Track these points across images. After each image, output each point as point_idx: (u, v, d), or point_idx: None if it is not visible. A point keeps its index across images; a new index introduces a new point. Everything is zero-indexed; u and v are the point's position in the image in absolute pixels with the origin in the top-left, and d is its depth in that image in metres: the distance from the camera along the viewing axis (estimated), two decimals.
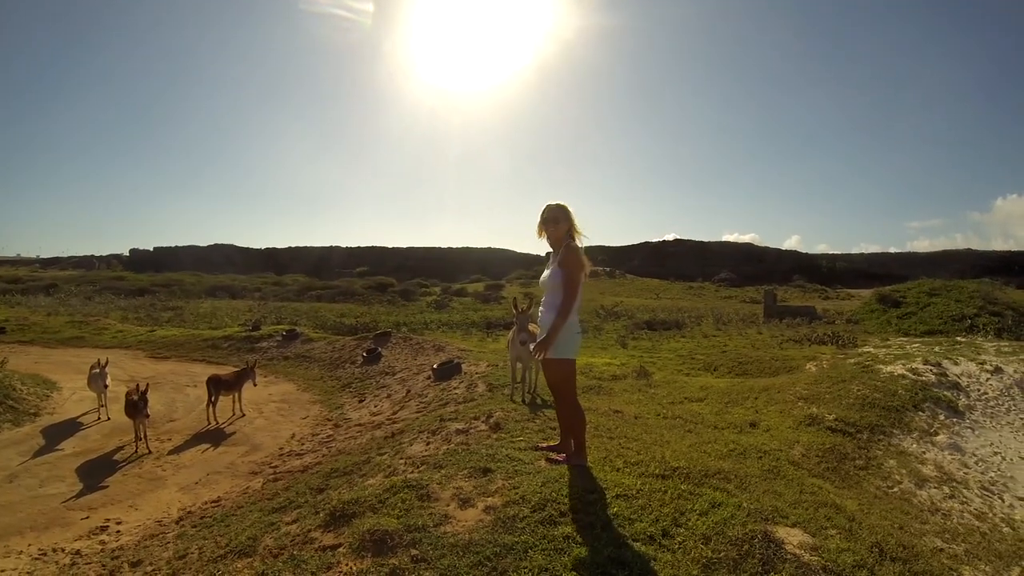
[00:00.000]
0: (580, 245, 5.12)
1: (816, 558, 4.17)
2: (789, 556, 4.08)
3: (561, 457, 5.33)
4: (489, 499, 4.51)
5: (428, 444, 6.67)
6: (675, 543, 4.03)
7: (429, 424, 7.64)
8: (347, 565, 3.82)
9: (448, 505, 4.51)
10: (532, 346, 5.65)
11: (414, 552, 3.81)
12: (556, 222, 5.14)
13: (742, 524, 4.30)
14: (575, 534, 3.95)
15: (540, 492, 4.51)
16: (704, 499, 4.71)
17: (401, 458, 6.25)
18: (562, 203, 5.18)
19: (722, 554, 3.93)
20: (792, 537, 4.40)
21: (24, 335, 21.22)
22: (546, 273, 5.23)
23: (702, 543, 4.03)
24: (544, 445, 5.80)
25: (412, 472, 5.40)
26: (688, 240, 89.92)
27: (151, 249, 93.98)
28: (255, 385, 12.24)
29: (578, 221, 5.20)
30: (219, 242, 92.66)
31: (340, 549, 4.08)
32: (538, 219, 5.24)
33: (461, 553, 3.77)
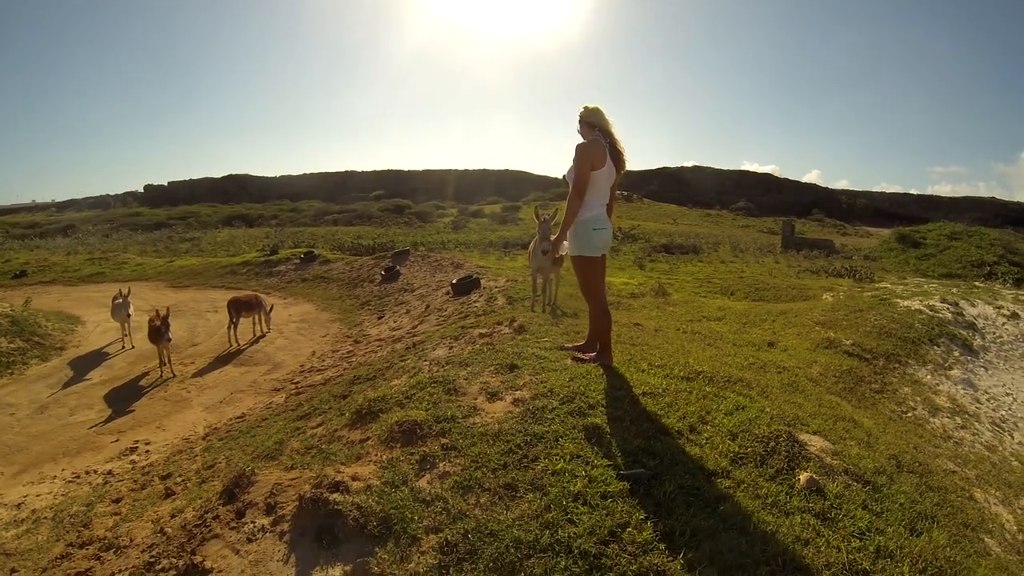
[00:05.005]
0: (601, 144, 5.05)
1: (838, 461, 4.21)
2: (813, 456, 4.12)
3: (587, 356, 5.35)
4: (517, 392, 4.52)
5: (451, 349, 6.69)
6: (702, 438, 4.05)
7: (451, 332, 7.66)
8: (376, 455, 3.85)
9: (476, 399, 4.53)
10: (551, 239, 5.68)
11: (444, 441, 3.83)
12: (586, 123, 5.13)
13: (767, 424, 4.32)
14: (604, 426, 3.97)
15: (568, 386, 4.51)
16: (728, 401, 4.73)
17: (425, 361, 6.29)
18: (596, 106, 5.14)
19: (748, 450, 3.96)
20: (814, 442, 4.44)
21: (45, 276, 21.39)
22: (567, 171, 5.21)
23: (729, 439, 4.06)
24: (570, 345, 5.81)
25: (438, 370, 5.42)
26: (707, 167, 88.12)
27: (166, 184, 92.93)
28: (269, 315, 12.41)
29: (612, 120, 5.15)
30: (233, 172, 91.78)
31: (368, 442, 4.11)
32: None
33: (491, 441, 3.80)
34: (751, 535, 3.08)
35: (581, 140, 5.12)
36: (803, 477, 3.74)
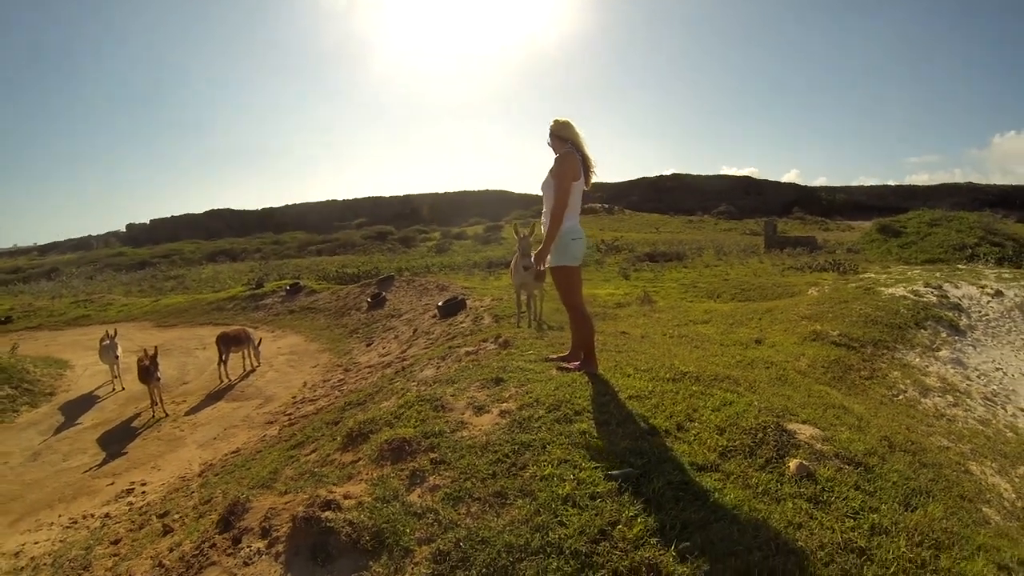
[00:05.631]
0: (576, 156, 5.14)
1: (828, 447, 4.25)
2: (803, 444, 4.16)
3: (572, 366, 5.39)
4: (503, 404, 4.54)
5: (438, 368, 6.69)
6: (690, 435, 4.09)
7: (439, 353, 7.64)
8: (368, 473, 3.85)
9: (463, 413, 4.54)
10: (533, 255, 5.75)
11: (433, 455, 3.85)
12: (557, 136, 5.23)
13: (755, 417, 4.36)
14: (591, 430, 3.99)
15: (554, 395, 4.54)
16: (716, 398, 4.77)
17: (413, 382, 6.28)
18: (566, 119, 5.24)
19: (737, 442, 4.00)
20: (804, 430, 4.48)
21: (31, 321, 21.08)
22: (543, 182, 5.28)
23: (717, 434, 4.10)
24: (554, 356, 5.84)
25: (425, 389, 5.42)
26: (686, 175, 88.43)
27: (147, 222, 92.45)
28: (258, 349, 12.41)
29: (583, 134, 5.25)
30: (215, 208, 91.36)
31: (359, 463, 4.11)
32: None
33: (480, 453, 3.82)
34: (742, 523, 3.11)
35: (553, 154, 5.22)
36: (793, 464, 3.78)
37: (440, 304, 12.78)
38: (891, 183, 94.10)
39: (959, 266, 16.99)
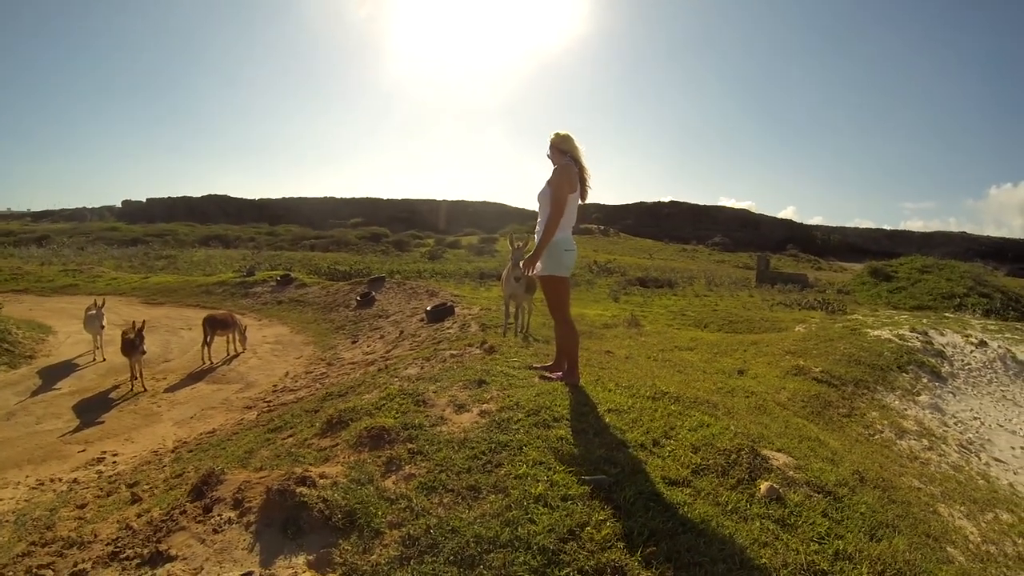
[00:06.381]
0: (574, 169, 5.22)
1: (800, 475, 4.31)
2: (775, 469, 4.21)
3: (555, 375, 5.46)
4: (484, 405, 4.60)
5: (422, 368, 6.74)
6: (665, 451, 4.14)
7: (424, 354, 7.68)
8: (345, 456, 3.91)
9: (444, 410, 4.59)
10: (521, 263, 5.81)
11: (411, 446, 3.90)
12: (557, 149, 5.31)
13: (730, 440, 4.42)
14: (568, 436, 4.05)
15: (534, 401, 4.60)
16: (693, 419, 4.83)
17: (396, 378, 6.32)
18: (567, 133, 5.33)
19: (710, 461, 4.05)
20: (778, 457, 4.53)
21: (18, 284, 21.01)
22: (539, 192, 5.35)
23: (691, 451, 4.15)
24: (538, 365, 5.92)
25: (408, 385, 5.46)
26: (684, 203, 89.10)
27: (144, 200, 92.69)
28: (244, 335, 12.40)
29: (582, 148, 5.33)
30: (213, 193, 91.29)
31: (337, 447, 4.16)
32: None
33: (457, 447, 3.87)
34: (709, 537, 3.15)
35: (552, 166, 5.30)
36: (763, 486, 3.83)
37: (429, 309, 12.80)
38: (886, 228, 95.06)
39: (946, 314, 17.12)
